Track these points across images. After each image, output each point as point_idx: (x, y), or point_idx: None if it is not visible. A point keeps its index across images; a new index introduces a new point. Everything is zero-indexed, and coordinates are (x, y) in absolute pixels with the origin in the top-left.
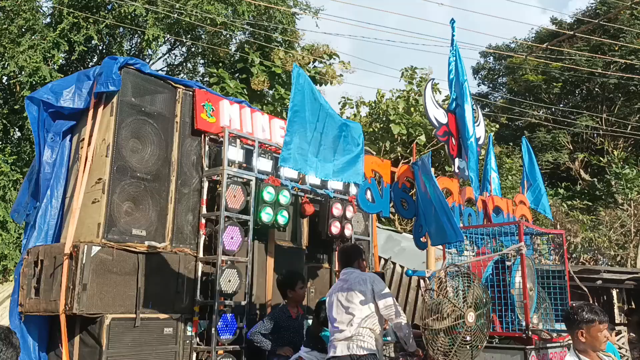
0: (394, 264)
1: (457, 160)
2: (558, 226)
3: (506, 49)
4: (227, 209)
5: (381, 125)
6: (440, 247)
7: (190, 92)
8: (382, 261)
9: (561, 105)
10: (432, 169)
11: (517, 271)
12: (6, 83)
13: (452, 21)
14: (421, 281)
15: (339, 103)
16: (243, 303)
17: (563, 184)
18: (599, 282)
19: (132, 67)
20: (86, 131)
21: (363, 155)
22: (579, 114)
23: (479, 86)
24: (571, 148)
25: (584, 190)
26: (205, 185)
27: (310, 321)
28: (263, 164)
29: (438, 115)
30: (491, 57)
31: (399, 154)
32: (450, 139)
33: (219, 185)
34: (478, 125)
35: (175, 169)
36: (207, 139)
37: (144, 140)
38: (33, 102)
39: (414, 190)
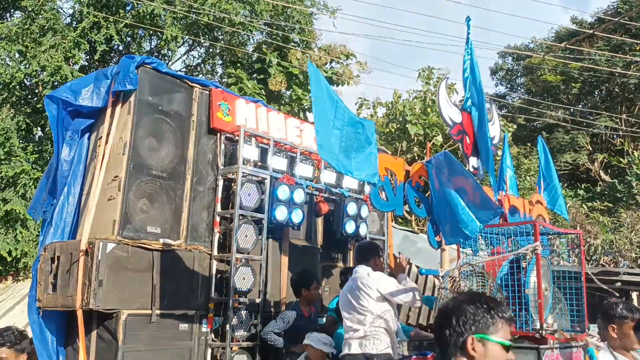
0: (410, 264)
1: (471, 159)
2: (578, 228)
3: (525, 49)
4: (242, 207)
5: (398, 126)
6: (454, 247)
7: (207, 92)
8: (398, 261)
9: (580, 106)
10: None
11: (533, 271)
12: (28, 83)
13: (468, 19)
14: (435, 280)
15: (356, 104)
16: (257, 301)
17: (583, 185)
18: (618, 283)
19: (149, 66)
20: (104, 129)
21: (377, 153)
22: (598, 115)
23: (496, 87)
24: (590, 149)
25: (604, 192)
26: (221, 183)
27: (324, 319)
28: (278, 162)
29: (452, 114)
30: (509, 58)
31: (416, 154)
32: (465, 137)
33: (233, 183)
34: (492, 124)
35: (190, 167)
36: (222, 137)
37: (161, 139)
38: (52, 101)
39: (429, 191)
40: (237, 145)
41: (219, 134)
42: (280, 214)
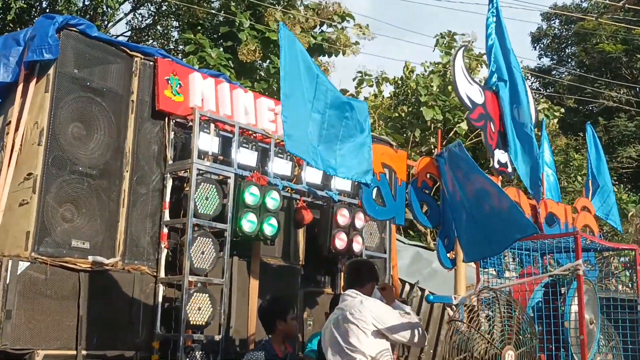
0: (422, 290)
1: (497, 152)
2: None
3: (576, 9)
4: (197, 215)
5: (410, 109)
6: (473, 265)
7: (151, 63)
8: (407, 287)
9: None
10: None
11: (574, 298)
12: None
13: None
14: (447, 310)
15: (354, 79)
16: (217, 338)
17: None
18: None
19: (74, 28)
20: (13, 112)
21: (370, 144)
22: None
23: (539, 59)
24: None
25: None
26: (169, 183)
27: None
28: (245, 156)
29: (472, 93)
30: (556, 20)
31: (432, 146)
32: (489, 124)
33: (186, 183)
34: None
35: (129, 162)
36: (172, 123)
37: (89, 125)
38: None
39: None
40: (191, 134)
41: (167, 119)
42: (248, 224)
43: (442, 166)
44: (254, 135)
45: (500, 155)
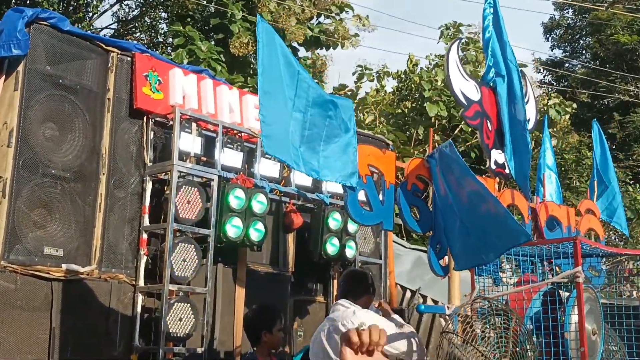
0: (424, 297)
1: (494, 152)
2: None
3: None
4: (178, 220)
5: (413, 105)
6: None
7: (129, 58)
8: (408, 294)
9: None
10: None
11: (574, 307)
12: None
13: None
14: (441, 320)
15: (354, 73)
16: (200, 350)
17: None
18: None
19: (45, 22)
20: None
21: (356, 144)
22: None
23: (552, 50)
24: None
25: None
26: (149, 186)
27: None
28: (229, 157)
29: (467, 89)
30: (570, 10)
31: (437, 144)
32: (485, 122)
33: (167, 186)
34: (527, 102)
35: (106, 165)
36: (151, 122)
37: (63, 125)
38: None
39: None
40: (172, 134)
41: (145, 118)
42: (233, 229)
43: (434, 168)
44: (239, 134)
45: (497, 156)
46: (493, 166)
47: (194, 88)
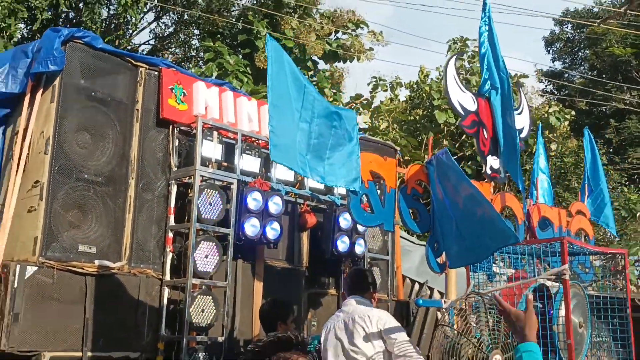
0: (432, 289)
1: (489, 158)
2: None
3: (587, 14)
4: (201, 220)
5: (424, 112)
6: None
7: (156, 72)
8: (417, 286)
9: None
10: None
11: (561, 302)
12: None
13: None
14: (438, 314)
15: (369, 84)
16: (220, 339)
17: None
18: None
19: (79, 40)
20: (21, 122)
21: (359, 152)
22: None
23: (553, 62)
24: None
25: None
26: (174, 189)
27: None
28: (248, 162)
29: (464, 100)
30: (569, 25)
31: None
32: (481, 130)
33: (190, 189)
34: (520, 113)
35: (135, 170)
36: (176, 131)
37: (95, 133)
38: None
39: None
40: (195, 141)
41: (171, 127)
42: (251, 228)
43: (432, 174)
44: (257, 142)
45: (492, 162)
46: (489, 171)
47: (216, 99)
